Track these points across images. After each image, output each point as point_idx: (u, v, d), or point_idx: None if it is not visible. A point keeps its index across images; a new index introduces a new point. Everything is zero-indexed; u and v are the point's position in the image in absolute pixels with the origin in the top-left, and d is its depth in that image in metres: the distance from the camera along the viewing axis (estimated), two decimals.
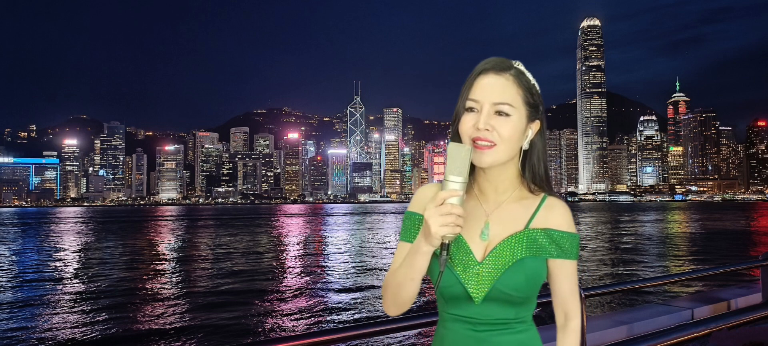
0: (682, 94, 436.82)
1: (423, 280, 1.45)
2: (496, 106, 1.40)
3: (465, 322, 1.45)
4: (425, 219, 1.31)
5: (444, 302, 1.49)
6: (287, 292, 19.61)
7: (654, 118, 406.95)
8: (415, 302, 1.51)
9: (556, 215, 1.47)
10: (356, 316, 15.61)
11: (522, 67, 1.46)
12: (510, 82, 1.42)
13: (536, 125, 1.48)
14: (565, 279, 1.48)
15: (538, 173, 1.51)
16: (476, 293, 1.42)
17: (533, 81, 1.46)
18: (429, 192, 1.53)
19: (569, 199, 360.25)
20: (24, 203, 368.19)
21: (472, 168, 1.48)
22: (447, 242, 1.33)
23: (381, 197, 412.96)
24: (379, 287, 16.83)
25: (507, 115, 1.40)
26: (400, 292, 1.43)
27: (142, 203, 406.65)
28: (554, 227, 1.46)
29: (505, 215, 1.49)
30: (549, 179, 1.53)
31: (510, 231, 1.46)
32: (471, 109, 1.43)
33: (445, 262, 1.35)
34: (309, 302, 17.56)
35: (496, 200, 1.51)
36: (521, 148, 1.47)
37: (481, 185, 1.52)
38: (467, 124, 1.42)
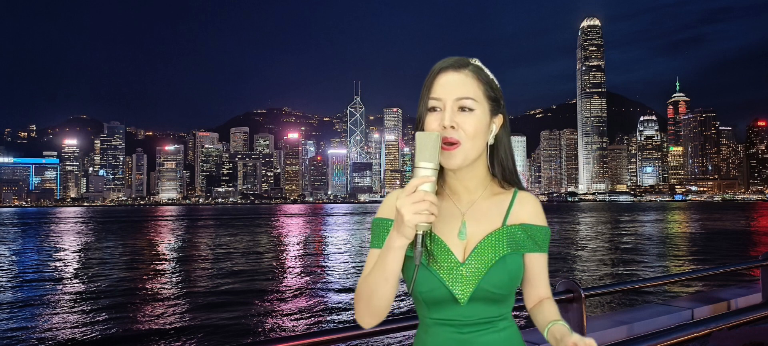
0: (682, 94, 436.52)
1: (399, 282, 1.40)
2: (459, 102, 1.39)
3: (449, 325, 1.42)
4: (397, 208, 1.25)
5: (425, 306, 1.44)
6: (287, 292, 19.60)
7: (654, 118, 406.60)
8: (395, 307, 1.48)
9: (529, 210, 1.48)
10: None
11: (480, 63, 1.46)
12: (470, 77, 1.41)
13: (499, 119, 1.48)
14: (539, 271, 1.48)
15: (507, 167, 1.51)
16: (461, 295, 1.39)
17: (492, 76, 1.46)
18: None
19: (569, 199, 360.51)
20: (24, 203, 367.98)
21: (442, 169, 1.46)
22: (421, 232, 1.27)
23: (381, 196, 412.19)
24: None
25: (470, 109, 1.40)
26: (374, 297, 1.35)
27: (142, 203, 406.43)
28: (528, 222, 1.47)
29: (480, 212, 1.48)
30: (517, 172, 1.53)
31: (488, 229, 1.45)
32: (434, 109, 1.42)
33: (420, 255, 1.28)
34: (309, 302, 17.55)
35: (469, 199, 1.49)
36: (487, 143, 1.47)
37: (451, 185, 1.50)
38: (432, 124, 1.40)
